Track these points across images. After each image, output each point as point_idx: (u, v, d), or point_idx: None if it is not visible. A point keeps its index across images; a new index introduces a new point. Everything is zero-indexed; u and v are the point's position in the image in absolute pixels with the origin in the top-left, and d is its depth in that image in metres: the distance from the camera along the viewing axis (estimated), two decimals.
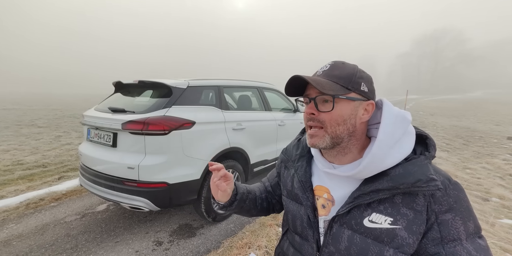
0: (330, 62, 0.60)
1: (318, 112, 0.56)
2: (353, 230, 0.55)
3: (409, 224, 0.50)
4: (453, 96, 55.75)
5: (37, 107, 14.92)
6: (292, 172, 0.71)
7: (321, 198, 0.62)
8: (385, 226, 0.51)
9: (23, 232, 2.24)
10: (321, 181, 0.64)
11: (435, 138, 7.26)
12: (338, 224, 0.57)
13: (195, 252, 2.01)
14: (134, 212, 2.62)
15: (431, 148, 0.55)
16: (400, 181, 0.50)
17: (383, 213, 0.52)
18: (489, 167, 4.42)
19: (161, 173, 1.96)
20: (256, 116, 2.94)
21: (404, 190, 0.50)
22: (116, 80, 2.48)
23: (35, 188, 3.15)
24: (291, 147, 0.77)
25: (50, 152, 4.84)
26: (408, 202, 0.51)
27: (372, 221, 0.53)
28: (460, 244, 0.49)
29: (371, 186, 0.53)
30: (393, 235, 0.51)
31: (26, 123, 8.36)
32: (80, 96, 33.79)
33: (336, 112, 0.55)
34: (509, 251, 2.02)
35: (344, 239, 0.56)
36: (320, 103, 0.57)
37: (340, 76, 0.56)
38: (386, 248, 0.51)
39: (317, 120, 0.57)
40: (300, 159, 0.70)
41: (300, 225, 0.65)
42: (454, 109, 20.78)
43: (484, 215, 2.62)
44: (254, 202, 0.78)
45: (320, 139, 0.57)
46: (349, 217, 0.56)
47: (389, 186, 0.51)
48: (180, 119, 2.04)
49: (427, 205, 0.50)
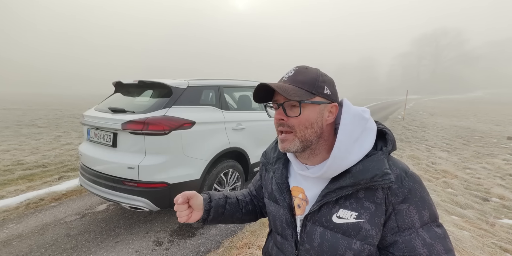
0: (294, 67, 0.62)
1: (287, 118, 0.58)
2: (324, 226, 0.58)
3: (371, 216, 0.54)
4: (453, 96, 55.74)
5: (37, 107, 14.92)
6: (271, 174, 0.73)
7: (297, 198, 0.65)
8: (351, 221, 0.55)
9: (23, 232, 2.24)
10: (297, 181, 0.66)
11: (435, 138, 7.27)
12: (311, 222, 0.60)
13: (195, 252, 2.01)
14: (134, 212, 2.62)
15: (388, 142, 0.58)
16: (360, 177, 0.53)
17: (349, 209, 0.56)
18: (489, 167, 4.42)
19: (161, 173, 1.97)
20: (256, 117, 2.94)
21: (364, 185, 0.53)
22: (116, 80, 2.48)
23: (35, 188, 3.14)
24: (269, 149, 0.78)
25: (50, 152, 4.84)
26: (369, 196, 0.54)
27: (339, 216, 0.56)
28: (415, 232, 0.52)
29: (336, 184, 0.56)
30: (358, 228, 0.54)
31: (26, 123, 8.36)
32: (80, 96, 33.81)
33: (304, 117, 0.57)
34: (509, 251, 2.02)
35: (317, 236, 0.59)
36: (288, 109, 0.59)
37: (304, 81, 0.58)
38: (353, 241, 0.55)
39: (287, 126, 0.59)
40: (277, 161, 0.72)
41: (280, 225, 0.68)
42: (454, 109, 20.78)
43: (484, 215, 2.62)
44: (236, 205, 0.79)
45: (290, 143, 0.59)
46: (319, 214, 0.59)
47: (351, 182, 0.54)
48: (180, 120, 2.04)
49: (385, 197, 0.53)
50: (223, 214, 0.75)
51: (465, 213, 2.63)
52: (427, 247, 0.51)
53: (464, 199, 2.94)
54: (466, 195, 3.10)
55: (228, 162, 2.44)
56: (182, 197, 0.66)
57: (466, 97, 47.93)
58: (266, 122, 3.02)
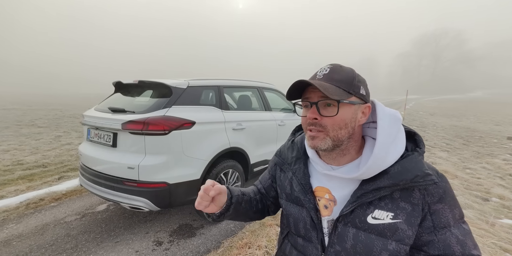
0: (328, 65, 0.60)
1: (321, 117, 0.57)
2: (357, 228, 0.57)
3: (408, 217, 0.53)
4: (453, 96, 55.75)
5: (37, 107, 14.92)
6: (290, 174, 0.70)
7: (323, 199, 0.63)
8: (387, 221, 0.54)
9: (23, 232, 2.24)
10: (320, 182, 0.65)
11: (435, 138, 7.27)
12: (343, 224, 0.58)
13: (195, 252, 2.01)
14: (134, 212, 2.62)
15: (421, 144, 0.59)
16: (399, 177, 0.53)
17: (385, 209, 0.55)
18: (489, 167, 4.42)
19: (161, 173, 1.97)
20: (256, 116, 2.94)
21: (404, 186, 0.53)
22: (116, 80, 2.49)
23: (35, 188, 3.15)
24: (285, 149, 0.75)
25: (50, 152, 4.84)
26: (405, 197, 0.54)
27: (375, 217, 0.55)
28: (450, 230, 0.53)
29: (373, 185, 0.55)
30: (395, 228, 0.54)
31: (26, 123, 8.36)
32: (80, 96, 33.80)
33: (339, 117, 0.56)
34: (509, 251, 2.02)
35: (350, 237, 0.57)
36: (322, 108, 0.57)
37: (341, 80, 0.57)
38: (389, 241, 0.54)
39: (319, 125, 0.57)
40: (297, 161, 0.70)
41: (303, 227, 0.65)
42: (454, 109, 20.79)
43: (484, 215, 2.62)
44: (250, 204, 0.75)
45: (321, 141, 0.57)
46: (353, 216, 0.57)
47: (389, 183, 0.53)
48: (180, 119, 2.04)
49: (422, 198, 0.54)
50: (239, 211, 0.72)
51: (465, 213, 2.63)
52: (460, 244, 0.52)
53: (464, 199, 2.94)
54: (466, 195, 3.10)
55: (228, 162, 2.44)
56: (215, 190, 0.62)
57: (466, 97, 47.94)
58: (266, 122, 3.02)
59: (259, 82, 3.32)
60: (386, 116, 0.58)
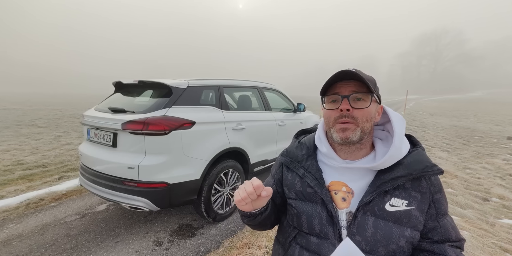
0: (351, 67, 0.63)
1: (353, 109, 0.61)
2: (376, 216, 0.60)
3: (419, 204, 0.59)
4: (453, 96, 55.74)
5: (37, 107, 14.92)
6: (301, 171, 0.70)
7: (340, 192, 0.65)
8: (403, 208, 0.59)
9: (23, 232, 2.24)
10: (334, 176, 0.67)
11: (435, 138, 7.27)
12: (362, 213, 0.61)
13: (195, 252, 2.01)
14: (134, 212, 2.62)
15: (418, 142, 0.68)
16: (413, 167, 0.59)
17: (400, 197, 0.59)
18: (489, 167, 4.42)
19: (161, 173, 1.96)
20: (256, 116, 2.94)
21: (416, 175, 0.59)
22: (116, 80, 2.48)
23: (35, 188, 3.15)
24: (293, 149, 0.77)
25: (50, 152, 4.84)
26: (415, 186, 0.60)
27: (392, 205, 0.59)
28: (446, 218, 0.62)
29: (390, 174, 0.60)
30: (410, 215, 0.59)
31: (26, 123, 8.36)
32: (80, 96, 33.80)
33: (368, 109, 0.62)
34: (509, 251, 2.02)
35: (370, 225, 0.59)
36: (352, 101, 0.62)
37: (369, 79, 0.62)
38: (405, 228, 0.58)
39: (351, 116, 0.61)
40: (308, 158, 0.72)
41: (318, 223, 0.64)
42: (454, 109, 20.78)
43: (484, 215, 2.62)
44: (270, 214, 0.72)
45: (353, 132, 0.61)
46: (372, 204, 0.60)
47: (405, 172, 0.59)
48: (180, 119, 2.04)
49: (428, 187, 0.60)
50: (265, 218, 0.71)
51: (465, 213, 2.63)
52: (454, 230, 0.60)
53: (464, 199, 2.94)
54: (466, 195, 3.10)
55: (228, 162, 2.44)
56: (267, 191, 0.61)
57: (466, 97, 47.93)
58: (266, 122, 3.02)
59: (259, 82, 3.32)
60: (396, 115, 0.66)
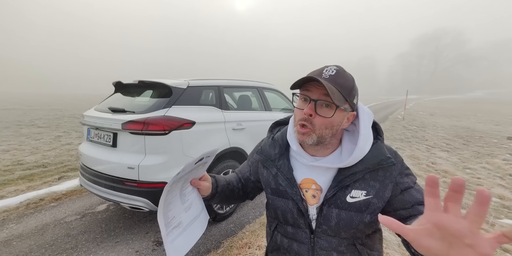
0: (334, 66, 0.64)
1: (315, 115, 0.62)
2: (339, 208, 0.66)
3: (377, 192, 0.64)
4: (453, 96, 55.74)
5: (37, 107, 14.92)
6: (274, 170, 0.75)
7: (310, 190, 0.69)
8: (362, 198, 0.64)
9: (23, 232, 2.24)
10: (304, 173, 0.71)
11: (435, 138, 7.27)
12: (327, 206, 0.67)
13: (195, 252, 2.01)
14: (134, 212, 2.62)
15: (380, 132, 0.71)
16: (369, 162, 0.64)
17: (359, 188, 0.65)
18: (489, 167, 4.42)
19: (161, 173, 1.96)
20: (256, 116, 2.94)
21: (372, 168, 0.64)
22: (116, 80, 2.48)
23: (35, 188, 3.15)
24: (266, 146, 0.79)
25: (50, 152, 4.84)
26: (373, 176, 0.65)
27: (352, 196, 0.65)
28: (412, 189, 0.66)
29: (349, 170, 0.65)
30: (368, 203, 0.65)
31: (26, 124, 8.36)
32: (80, 96, 33.81)
33: (331, 119, 0.62)
34: (509, 251, 2.02)
35: (333, 217, 0.66)
36: (318, 106, 0.62)
37: (343, 86, 0.62)
38: (364, 215, 0.65)
39: (310, 122, 0.63)
40: (281, 157, 0.75)
41: (291, 217, 0.72)
42: (454, 109, 20.79)
43: None
44: (232, 192, 0.84)
45: (309, 137, 0.64)
46: (334, 198, 0.66)
47: (362, 168, 0.64)
48: (180, 119, 2.04)
49: (386, 175, 0.65)
50: (222, 198, 0.81)
51: (465, 213, 2.63)
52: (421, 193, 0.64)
53: (464, 199, 2.94)
54: (466, 195, 3.10)
55: (228, 162, 2.44)
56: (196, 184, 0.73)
57: (466, 97, 47.93)
58: (266, 122, 3.02)
59: (259, 82, 3.32)
60: (365, 114, 0.67)
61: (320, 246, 0.69)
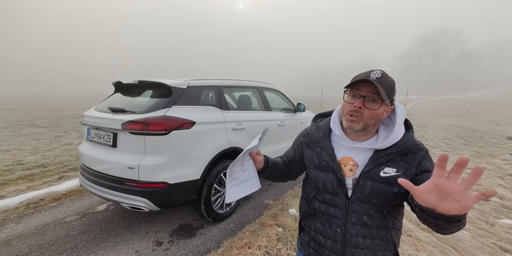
0: (379, 71, 0.81)
1: (364, 107, 0.80)
2: (373, 180, 0.82)
3: (405, 170, 0.81)
4: (453, 96, 55.73)
5: (37, 107, 14.92)
6: (318, 149, 0.93)
7: (348, 165, 0.87)
8: (393, 174, 0.80)
9: (23, 232, 2.24)
10: (344, 153, 0.89)
11: (435, 138, 7.27)
12: (363, 179, 0.83)
13: (195, 252, 2.01)
14: (134, 212, 2.62)
15: (411, 126, 0.89)
16: (402, 146, 0.81)
17: (391, 167, 0.81)
18: (489, 167, 4.42)
19: (161, 173, 1.96)
20: (256, 116, 2.94)
21: (403, 151, 0.81)
22: (116, 80, 2.48)
23: (35, 188, 3.15)
24: (312, 131, 0.99)
25: (50, 152, 4.84)
26: (403, 158, 0.82)
27: (385, 172, 0.81)
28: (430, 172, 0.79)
29: (385, 151, 0.82)
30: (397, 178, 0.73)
31: (26, 123, 8.36)
32: (79, 96, 33.80)
33: (376, 111, 0.80)
34: (509, 251, 2.02)
35: (368, 187, 0.82)
36: (366, 101, 0.80)
37: (388, 86, 0.79)
38: (393, 187, 0.80)
39: (359, 113, 0.81)
40: (324, 139, 0.94)
41: (330, 186, 0.88)
42: (454, 109, 20.78)
43: (484, 215, 2.63)
44: (279, 170, 1.06)
45: (357, 124, 0.82)
46: (370, 172, 0.82)
47: (396, 150, 0.81)
48: (180, 119, 2.04)
49: (414, 158, 0.81)
50: (271, 173, 1.02)
51: None
52: None
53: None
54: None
55: (228, 162, 2.44)
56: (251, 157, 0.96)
57: (466, 97, 47.93)
58: (266, 122, 3.02)
59: (259, 82, 3.32)
60: (401, 109, 0.85)
61: (354, 210, 0.84)
